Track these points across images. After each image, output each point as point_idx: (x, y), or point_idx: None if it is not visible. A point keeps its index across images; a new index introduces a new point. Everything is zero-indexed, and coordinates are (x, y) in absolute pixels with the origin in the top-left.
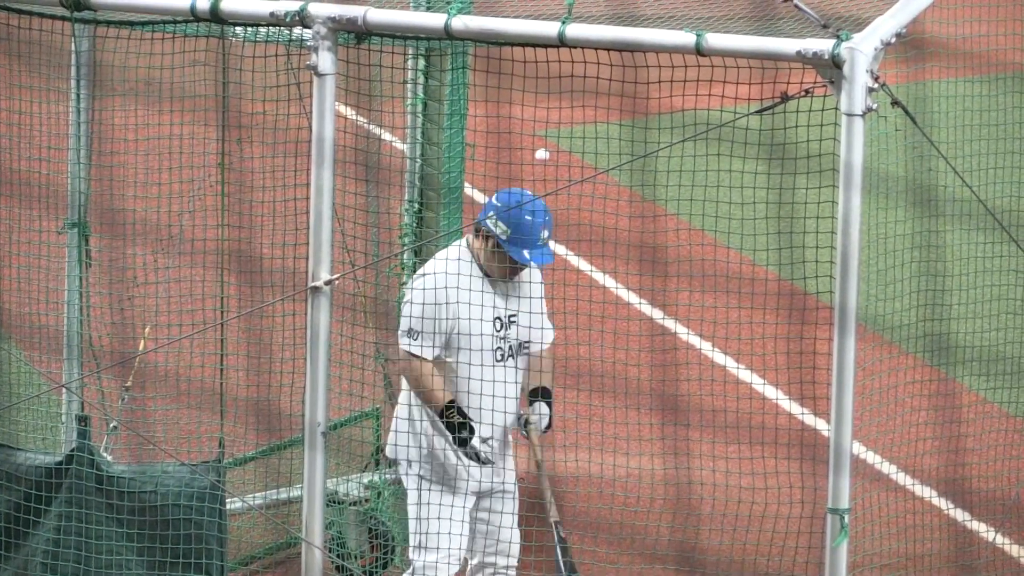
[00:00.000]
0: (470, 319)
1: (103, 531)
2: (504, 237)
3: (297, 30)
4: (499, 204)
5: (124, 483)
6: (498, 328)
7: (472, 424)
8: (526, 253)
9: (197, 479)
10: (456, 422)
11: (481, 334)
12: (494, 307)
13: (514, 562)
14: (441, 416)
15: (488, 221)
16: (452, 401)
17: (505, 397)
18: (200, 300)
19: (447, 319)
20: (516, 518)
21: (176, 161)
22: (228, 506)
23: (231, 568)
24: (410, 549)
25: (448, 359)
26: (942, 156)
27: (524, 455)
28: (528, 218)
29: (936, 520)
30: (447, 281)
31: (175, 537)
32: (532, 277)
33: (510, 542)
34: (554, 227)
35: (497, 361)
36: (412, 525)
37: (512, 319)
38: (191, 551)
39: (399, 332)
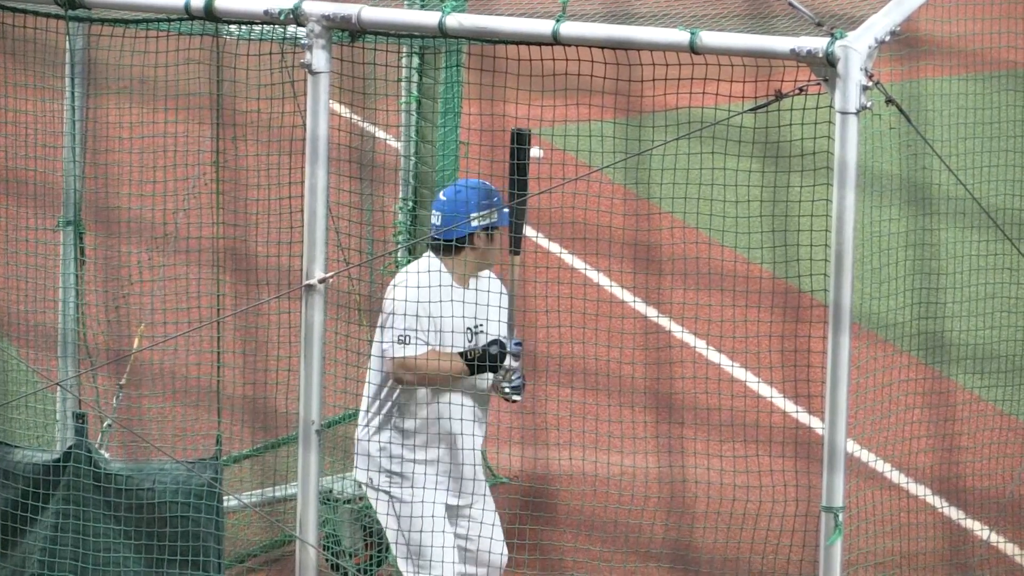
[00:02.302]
0: (452, 330)
1: (101, 528)
2: (492, 220)
3: (291, 28)
4: (445, 199)
5: (122, 480)
6: (468, 338)
7: (493, 343)
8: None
9: (194, 476)
10: (479, 356)
11: (452, 345)
12: (464, 317)
13: (499, 574)
14: (473, 370)
15: (476, 221)
16: (462, 352)
17: (475, 406)
18: (195, 298)
19: (429, 329)
20: (497, 517)
21: (171, 159)
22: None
23: (226, 565)
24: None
25: None
26: (936, 154)
27: (517, 453)
28: (477, 190)
29: (930, 518)
30: (419, 293)
31: (172, 534)
32: (492, 287)
33: (489, 552)
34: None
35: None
36: (400, 551)
37: (479, 329)
38: (188, 548)
39: (389, 345)
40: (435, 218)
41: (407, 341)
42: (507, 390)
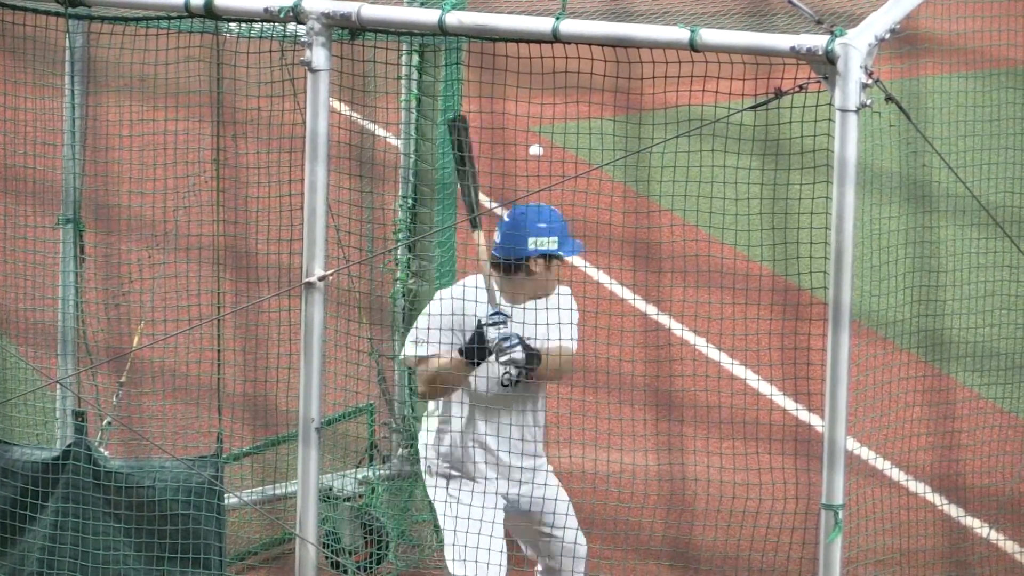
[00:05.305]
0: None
1: (100, 526)
2: (554, 246)
3: (291, 26)
4: (508, 220)
5: (122, 478)
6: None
7: (483, 325)
8: (572, 244)
9: (195, 474)
10: (477, 338)
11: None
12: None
13: (581, 566)
14: (471, 357)
15: (532, 246)
16: (460, 350)
17: (513, 424)
18: (195, 296)
19: (452, 342)
20: (572, 519)
21: (171, 157)
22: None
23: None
24: (449, 564)
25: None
26: (936, 152)
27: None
28: (540, 214)
29: (930, 516)
30: (449, 305)
31: (173, 532)
32: (561, 304)
33: (575, 543)
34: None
35: (503, 387)
36: (448, 537)
37: None
38: (189, 546)
39: (407, 342)
40: (496, 236)
41: (417, 341)
42: (503, 363)
